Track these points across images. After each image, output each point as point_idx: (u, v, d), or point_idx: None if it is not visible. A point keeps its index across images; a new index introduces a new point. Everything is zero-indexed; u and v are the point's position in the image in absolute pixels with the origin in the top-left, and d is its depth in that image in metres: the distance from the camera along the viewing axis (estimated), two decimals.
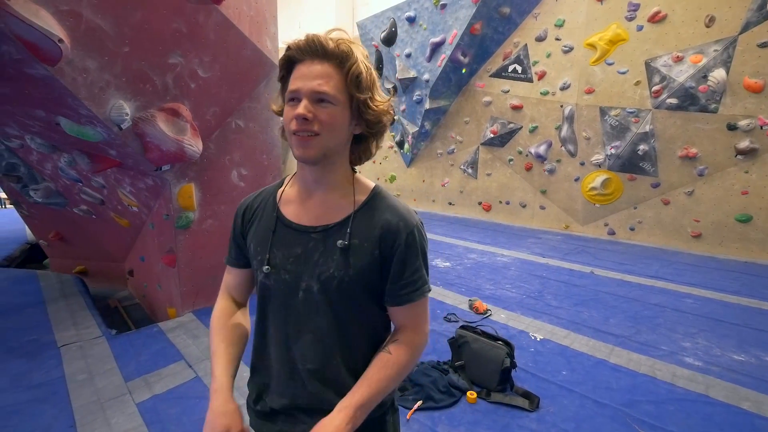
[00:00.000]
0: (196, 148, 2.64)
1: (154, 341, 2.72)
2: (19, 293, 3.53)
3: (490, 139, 7.11)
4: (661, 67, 5.07)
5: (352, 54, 0.71)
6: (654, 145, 5.31)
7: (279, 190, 0.87)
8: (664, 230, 5.56)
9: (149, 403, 2.05)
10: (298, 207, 0.82)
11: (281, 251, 0.80)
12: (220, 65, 2.73)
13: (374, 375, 0.76)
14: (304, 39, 0.71)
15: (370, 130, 0.78)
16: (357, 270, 0.76)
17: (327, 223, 0.79)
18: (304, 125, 0.70)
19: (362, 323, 0.81)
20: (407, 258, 0.78)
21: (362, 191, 0.82)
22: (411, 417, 1.98)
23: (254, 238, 0.84)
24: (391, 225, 0.78)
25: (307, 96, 0.70)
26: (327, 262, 0.77)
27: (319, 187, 0.80)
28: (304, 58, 0.71)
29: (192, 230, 3.07)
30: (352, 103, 0.73)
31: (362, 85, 0.72)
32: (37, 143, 2.81)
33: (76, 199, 3.75)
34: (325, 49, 0.69)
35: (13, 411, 1.97)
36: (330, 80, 0.70)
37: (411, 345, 0.82)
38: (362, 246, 0.77)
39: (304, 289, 0.78)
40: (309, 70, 0.70)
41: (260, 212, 0.86)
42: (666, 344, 2.74)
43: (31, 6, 1.63)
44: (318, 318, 0.78)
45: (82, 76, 1.96)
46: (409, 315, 0.82)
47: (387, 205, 0.81)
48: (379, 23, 7.94)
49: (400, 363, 0.79)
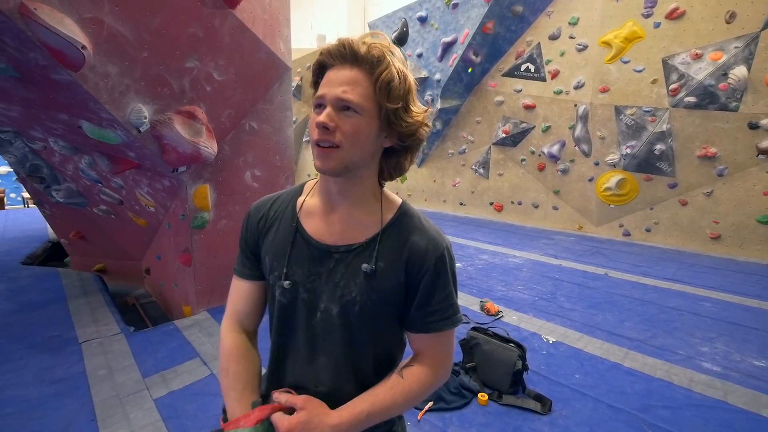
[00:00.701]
0: (211, 149, 2.70)
1: (171, 339, 2.79)
2: (42, 290, 3.65)
3: (502, 139, 7.05)
4: (679, 64, 4.96)
5: (384, 59, 0.65)
6: (671, 145, 5.19)
7: (299, 199, 0.81)
8: (681, 232, 5.43)
9: (166, 399, 2.11)
10: (320, 221, 0.76)
11: (301, 268, 0.75)
12: (234, 68, 2.78)
13: (380, 395, 0.72)
14: (336, 43, 0.66)
15: (403, 143, 0.71)
16: (381, 295, 0.72)
17: (351, 242, 0.74)
18: (324, 135, 0.65)
19: (379, 348, 0.77)
20: (436, 283, 0.73)
21: (389, 209, 0.77)
22: (422, 418, 1.98)
23: (270, 249, 0.79)
24: (420, 248, 0.73)
25: (331, 103, 0.65)
26: (349, 285, 0.72)
27: (344, 200, 0.74)
28: (334, 63, 0.67)
29: (207, 230, 3.13)
30: (381, 113, 0.67)
31: (393, 93, 0.65)
32: (60, 145, 2.90)
33: (96, 200, 3.86)
34: (356, 54, 0.64)
35: (37, 404, 2.04)
36: (357, 87, 0.65)
37: (427, 378, 0.75)
38: (388, 270, 0.72)
39: (322, 310, 0.74)
40: (336, 76, 0.66)
41: (278, 221, 0.80)
42: (683, 348, 2.69)
43: (56, 14, 1.69)
44: (334, 341, 0.74)
45: (104, 81, 2.02)
46: (432, 345, 0.76)
47: (415, 226, 0.75)
48: (390, 23, 7.95)
49: (410, 392, 0.73)
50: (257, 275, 0.82)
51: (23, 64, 1.88)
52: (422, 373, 0.75)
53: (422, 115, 0.70)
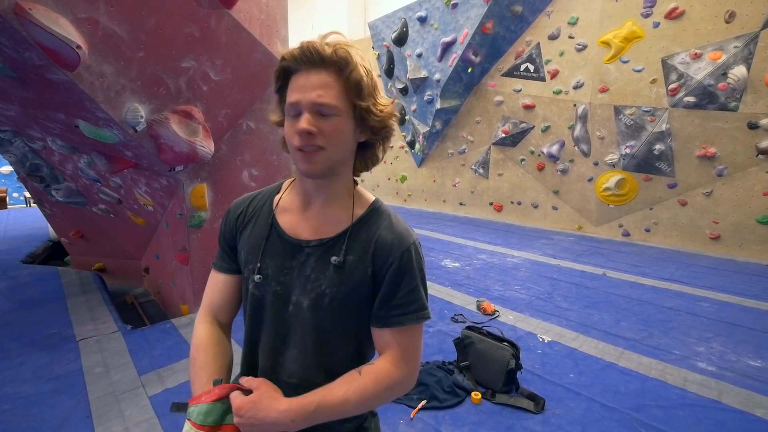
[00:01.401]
0: (208, 149, 2.71)
1: (167, 337, 2.80)
2: (42, 289, 3.67)
3: (502, 139, 7.05)
4: (679, 64, 4.95)
5: (351, 59, 0.66)
6: (671, 145, 5.18)
7: (276, 196, 0.83)
8: (680, 232, 5.42)
9: (161, 396, 2.12)
10: (295, 217, 0.79)
11: (274, 261, 0.76)
12: (231, 68, 2.79)
13: (333, 389, 0.70)
14: (299, 47, 0.66)
15: (376, 135, 0.74)
16: (349, 288, 0.73)
17: (323, 236, 0.76)
18: (308, 140, 0.66)
19: (349, 343, 0.78)
20: (401, 277, 0.73)
21: (361, 205, 0.79)
22: (415, 416, 1.99)
23: (246, 244, 0.80)
24: (386, 242, 0.74)
25: (307, 109, 0.66)
26: (319, 278, 0.74)
27: (319, 197, 0.77)
28: (300, 67, 0.67)
29: (204, 229, 3.15)
30: (354, 111, 0.69)
31: (363, 91, 0.68)
32: (58, 145, 2.93)
33: (95, 199, 3.88)
34: (322, 57, 0.65)
35: (34, 401, 2.06)
36: (330, 90, 0.66)
37: (387, 377, 0.73)
38: (356, 263, 0.73)
39: (294, 303, 0.75)
40: (307, 81, 0.66)
41: (254, 218, 0.82)
42: (678, 348, 2.68)
43: (51, 14, 1.71)
44: (305, 334, 0.75)
45: (99, 80, 2.03)
46: (395, 341, 0.74)
47: (384, 221, 0.77)
48: (390, 23, 7.95)
49: (365, 390, 0.71)
50: (234, 269, 0.84)
51: (19, 63, 1.90)
52: (381, 372, 0.73)
53: (390, 107, 0.72)
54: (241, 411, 0.67)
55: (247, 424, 0.67)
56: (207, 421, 0.68)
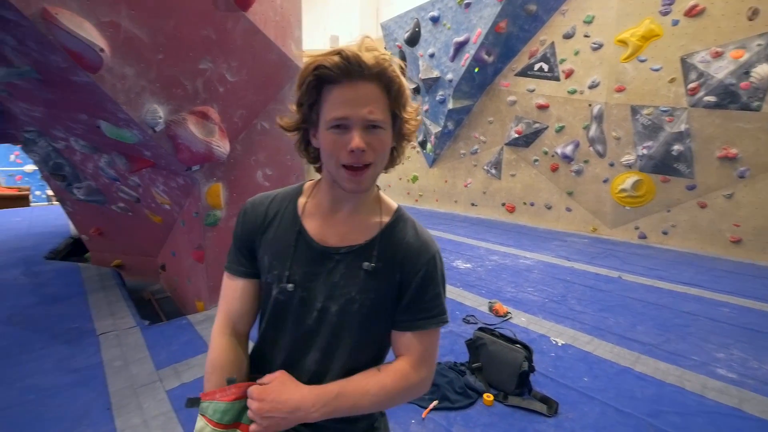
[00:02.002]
0: (224, 149, 2.76)
1: (184, 333, 2.86)
2: (64, 284, 3.79)
3: (515, 139, 6.98)
4: (699, 63, 4.82)
5: (393, 69, 0.65)
6: (690, 146, 5.06)
7: (300, 200, 0.81)
8: (700, 235, 5.28)
9: (178, 390, 2.17)
10: (322, 223, 0.78)
11: (301, 268, 0.76)
12: (246, 69, 2.84)
13: (353, 380, 0.73)
14: (339, 57, 0.62)
15: (404, 140, 0.75)
16: (378, 294, 0.74)
17: (352, 243, 0.76)
18: (359, 158, 0.65)
19: (372, 347, 0.79)
20: (427, 285, 0.75)
21: (387, 212, 0.80)
22: (426, 416, 1.99)
23: (269, 248, 0.78)
24: (413, 249, 0.76)
25: (358, 125, 0.64)
26: (348, 284, 0.74)
27: (348, 204, 0.77)
28: (341, 79, 0.64)
29: (219, 228, 3.20)
30: (394, 120, 0.69)
31: (406, 102, 0.68)
32: (81, 145, 3.01)
33: (114, 197, 3.98)
34: (368, 68, 0.63)
35: (57, 392, 2.13)
36: (379, 104, 0.65)
37: (405, 376, 0.75)
38: (385, 269, 0.75)
39: (319, 309, 0.75)
40: (356, 95, 0.64)
41: (277, 220, 0.80)
42: (697, 354, 2.62)
43: (76, 18, 1.76)
44: (330, 338, 0.76)
45: (121, 82, 2.09)
46: (415, 344, 0.76)
47: (409, 229, 0.79)
48: (402, 23, 7.96)
49: (384, 386, 0.73)
50: (252, 273, 0.81)
51: (45, 66, 1.97)
52: (400, 370, 0.75)
53: (417, 110, 0.73)
54: (264, 395, 0.69)
55: (269, 408, 0.68)
56: (224, 420, 0.70)
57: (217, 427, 0.70)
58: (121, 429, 1.87)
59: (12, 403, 2.03)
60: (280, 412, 0.68)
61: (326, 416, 0.70)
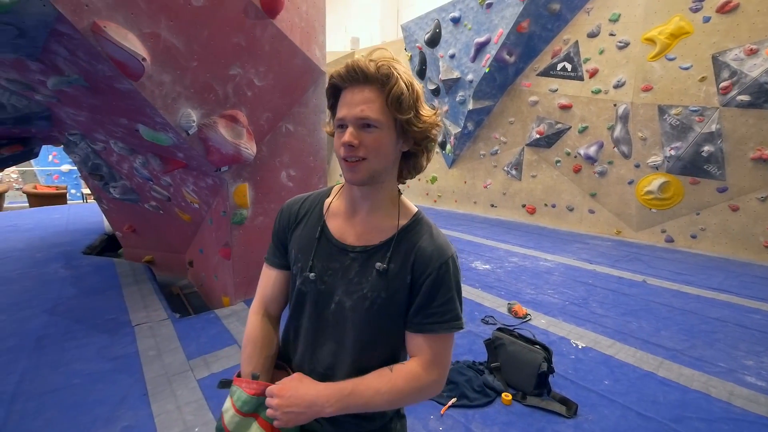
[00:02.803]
0: (251, 151, 2.88)
1: (212, 326, 3.00)
2: (101, 278, 4.02)
3: (536, 140, 6.90)
4: (731, 61, 4.65)
5: (392, 75, 0.70)
6: (721, 146, 4.88)
7: (326, 200, 0.89)
8: (731, 239, 5.09)
9: (208, 380, 2.29)
10: (343, 222, 0.84)
11: (321, 262, 0.83)
12: (273, 74, 2.95)
13: (365, 379, 0.77)
14: (345, 67, 0.72)
15: (418, 145, 0.78)
16: (389, 293, 0.78)
17: (367, 243, 0.81)
18: (351, 152, 0.72)
19: (384, 344, 0.83)
20: (437, 288, 0.77)
21: (405, 215, 0.84)
22: (445, 413, 2.03)
23: (297, 243, 0.87)
24: (426, 253, 0.78)
25: (352, 123, 0.72)
26: (362, 282, 0.79)
27: (365, 204, 0.82)
28: (346, 85, 0.73)
29: (245, 226, 3.34)
30: (395, 123, 0.73)
31: (404, 105, 0.72)
32: (119, 147, 3.21)
33: (147, 196, 4.20)
34: (366, 74, 0.70)
35: (98, 378, 2.29)
36: (372, 104, 0.71)
37: (414, 378, 0.77)
38: (397, 271, 0.78)
39: (336, 302, 0.81)
40: (353, 97, 0.72)
41: (306, 219, 0.88)
42: (724, 361, 2.56)
43: (121, 31, 1.90)
44: (344, 331, 0.81)
45: (159, 88, 2.23)
46: (426, 346, 0.79)
47: (425, 233, 0.81)
48: (423, 25, 7.98)
49: (395, 385, 0.76)
50: (284, 264, 0.91)
51: (92, 75, 2.12)
52: (411, 371, 0.78)
53: (432, 117, 0.75)
54: (283, 392, 0.77)
55: (288, 404, 0.75)
56: (244, 409, 0.79)
57: (237, 413, 0.79)
58: (157, 413, 2.00)
59: (60, 386, 2.20)
60: (297, 407, 0.75)
61: (340, 411, 0.75)
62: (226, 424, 0.79)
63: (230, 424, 0.79)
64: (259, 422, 0.79)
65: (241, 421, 0.78)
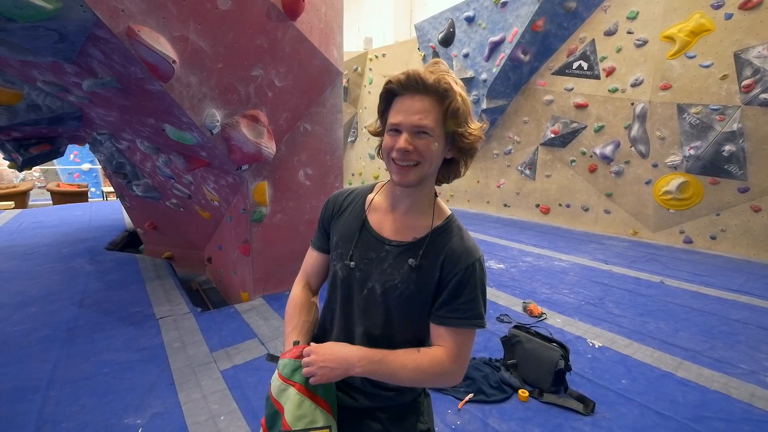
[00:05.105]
0: (271, 150, 2.95)
1: (232, 320, 3.09)
2: (124, 273, 4.16)
3: (551, 139, 6.85)
4: (755, 58, 4.56)
5: (452, 89, 0.75)
6: (743, 146, 4.78)
7: (369, 195, 0.96)
8: (753, 240, 4.98)
9: (231, 371, 2.37)
10: (382, 216, 0.91)
11: (359, 251, 0.90)
12: (293, 75, 3.02)
13: (394, 352, 0.84)
14: (405, 75, 0.76)
15: (462, 154, 0.84)
16: (419, 286, 0.84)
17: (402, 239, 0.87)
18: (405, 156, 0.77)
19: (410, 331, 0.89)
20: (463, 287, 0.83)
21: (439, 216, 0.90)
22: (462, 407, 2.07)
23: (338, 231, 0.95)
24: (455, 254, 0.84)
25: (407, 130, 0.76)
26: (394, 273, 0.86)
27: (404, 203, 0.88)
28: (404, 92, 0.77)
29: (264, 224, 3.42)
30: (447, 133, 0.79)
31: (459, 119, 0.77)
32: (146, 146, 3.32)
33: (168, 194, 4.32)
34: (426, 84, 0.74)
35: (127, 367, 2.39)
36: (429, 114, 0.75)
37: (438, 362, 0.83)
38: (427, 267, 0.84)
39: (369, 288, 0.88)
40: (410, 105, 0.76)
41: (349, 210, 0.96)
42: (746, 363, 2.53)
43: (153, 34, 1.98)
44: (374, 316, 0.89)
45: (186, 89, 2.31)
46: (447, 339, 0.84)
47: (456, 235, 0.87)
48: (437, 24, 7.98)
49: (421, 363, 0.82)
50: (326, 249, 1.01)
51: (124, 77, 2.21)
52: (436, 356, 0.83)
53: (479, 131, 0.82)
54: (319, 349, 0.84)
55: (323, 359, 0.82)
56: (284, 372, 0.87)
57: (279, 378, 0.87)
58: (183, 402, 2.08)
59: (91, 375, 2.30)
60: (331, 362, 0.81)
61: (367, 374, 0.82)
62: (272, 389, 0.88)
63: (275, 389, 0.87)
64: (296, 387, 0.85)
65: (282, 385, 0.86)
